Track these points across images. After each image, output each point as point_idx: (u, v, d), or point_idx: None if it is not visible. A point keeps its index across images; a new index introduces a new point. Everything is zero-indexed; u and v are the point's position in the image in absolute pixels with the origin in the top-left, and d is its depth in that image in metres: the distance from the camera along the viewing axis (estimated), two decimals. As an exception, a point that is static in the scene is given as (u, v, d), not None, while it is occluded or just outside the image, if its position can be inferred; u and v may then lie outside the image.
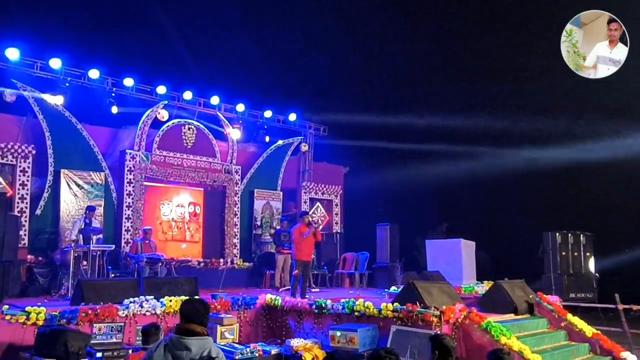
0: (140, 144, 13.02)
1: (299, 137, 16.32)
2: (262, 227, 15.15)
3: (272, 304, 9.14)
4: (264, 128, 15.41)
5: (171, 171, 13.35)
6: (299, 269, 9.82)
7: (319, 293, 11.48)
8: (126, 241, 12.42)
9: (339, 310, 8.29)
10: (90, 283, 8.48)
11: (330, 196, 16.50)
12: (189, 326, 4.01)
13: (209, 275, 12.54)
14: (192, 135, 13.96)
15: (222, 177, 14.30)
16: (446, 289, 8.45)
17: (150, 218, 13.16)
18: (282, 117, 15.83)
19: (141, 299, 8.07)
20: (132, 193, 12.68)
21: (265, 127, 15.42)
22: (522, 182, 15.02)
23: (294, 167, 16.46)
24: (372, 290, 12.52)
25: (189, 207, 13.97)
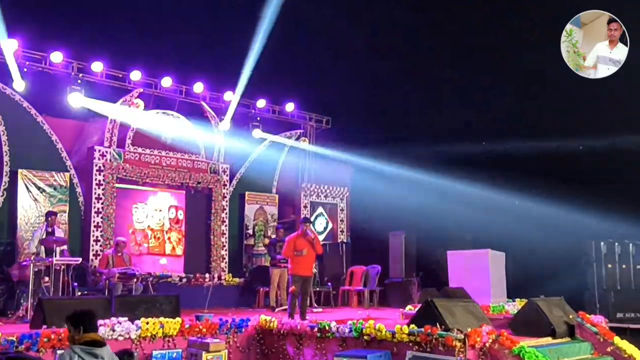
0: (111, 139, 13.03)
1: (297, 131, 16.32)
2: (255, 236, 15.16)
3: (267, 327, 9.13)
4: (257, 120, 15.43)
5: (147, 171, 13.37)
6: (297, 285, 9.81)
7: (321, 314, 11.48)
8: (95, 253, 12.43)
9: (345, 333, 8.28)
10: (53, 302, 8.47)
11: (335, 199, 16.50)
12: (93, 336, 4.81)
13: (193, 293, 12.56)
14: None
15: (208, 178, 14.31)
16: (471, 309, 8.43)
17: (124, 226, 13.18)
18: (278, 108, 15.85)
19: (113, 320, 8.06)
20: (101, 197, 12.70)
21: (258, 120, 15.44)
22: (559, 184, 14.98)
23: (291, 166, 16.47)
24: (385, 310, 12.50)
25: (169, 212, 13.95)
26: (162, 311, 8.91)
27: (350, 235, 16.57)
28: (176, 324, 8.48)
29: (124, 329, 8.02)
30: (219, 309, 11.51)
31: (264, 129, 15.55)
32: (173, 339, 8.41)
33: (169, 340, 8.37)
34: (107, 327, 7.92)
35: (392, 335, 7.81)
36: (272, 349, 9.03)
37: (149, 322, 8.24)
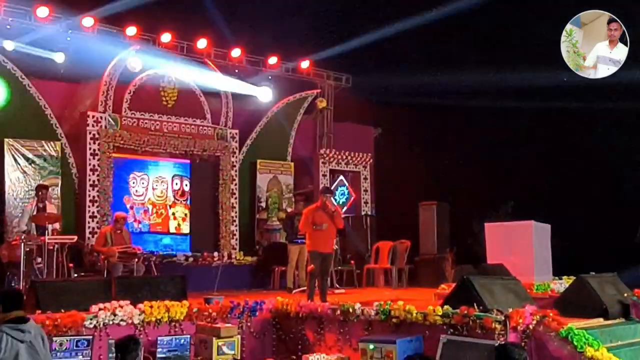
0: (106, 103, 13.06)
1: (314, 91, 16.25)
2: (269, 209, 15.21)
3: (284, 310, 9.18)
4: (268, 79, 15.36)
5: (147, 138, 13.41)
6: (316, 263, 9.84)
7: (344, 295, 11.52)
8: (91, 231, 12.54)
9: (371, 316, 8.31)
10: (47, 285, 8.58)
11: (358, 167, 16.47)
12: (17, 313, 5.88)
13: (200, 273, 12.65)
14: (173, 90, 13.97)
15: (215, 145, 14.34)
16: (513, 287, 8.43)
17: (122, 200, 13.27)
18: (291, 65, 15.78)
19: (113, 304, 8.15)
20: (97, 168, 12.77)
21: (269, 78, 15.37)
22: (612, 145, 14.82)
23: (308, 130, 16.45)
24: (415, 290, 12.51)
25: (173, 183, 13.99)
26: (167, 294, 8.98)
27: (375, 207, 16.56)
28: (183, 307, 8.55)
29: (126, 313, 8.10)
30: (229, 291, 11.58)
31: (276, 89, 15.48)
32: (180, 324, 8.49)
33: (175, 325, 8.45)
34: (107, 311, 8.01)
35: (424, 318, 7.82)
36: (289, 334, 9.09)
37: (153, 306, 8.32)
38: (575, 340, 7.29)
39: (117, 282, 9.04)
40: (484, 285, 8.00)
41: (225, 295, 10.01)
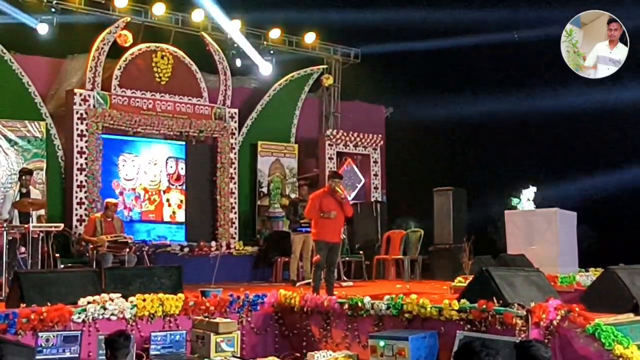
0: (94, 80, 13.06)
1: (320, 67, 16.21)
2: (271, 195, 15.24)
3: (287, 304, 9.19)
4: (270, 54, 15.34)
5: (139, 118, 13.43)
6: (322, 254, 9.86)
7: (352, 288, 11.55)
8: (79, 218, 12.58)
9: (381, 310, 8.31)
10: (31, 277, 8.58)
11: (367, 149, 16.47)
12: None
13: (197, 264, 12.72)
14: (167, 66, 13.97)
15: (212, 126, 14.34)
16: (535, 279, 8.42)
17: (108, 184, 13.31)
18: (295, 39, 15.73)
19: (103, 297, 8.17)
20: (85, 150, 12.79)
21: (271, 53, 15.35)
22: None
23: (313, 110, 16.46)
24: (429, 283, 12.55)
25: (167, 166, 14.00)
26: (162, 286, 8.99)
27: (386, 193, 16.56)
28: (178, 301, 8.56)
29: (116, 307, 8.11)
30: (228, 284, 11.62)
31: (279, 64, 15.45)
32: (175, 318, 8.50)
33: (170, 320, 8.46)
34: (96, 304, 8.02)
35: (439, 313, 7.82)
36: (293, 330, 9.10)
37: (146, 299, 8.32)
38: (603, 337, 7.27)
39: (107, 273, 9.05)
40: (504, 277, 7.99)
41: (224, 288, 10.01)
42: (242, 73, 15.25)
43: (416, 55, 15.95)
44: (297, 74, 15.87)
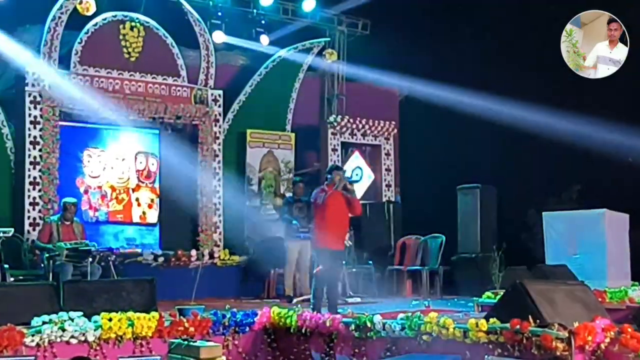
0: (49, 56, 13.06)
1: (321, 40, 16.20)
2: (262, 194, 15.25)
3: (282, 324, 9.21)
4: (261, 24, 15.35)
5: (104, 102, 13.40)
6: (324, 264, 9.87)
7: (360, 304, 11.56)
8: (33, 222, 12.59)
9: (395, 331, 8.33)
10: (-25, 292, 8.59)
11: (378, 139, 16.49)
12: None
13: (173, 277, 12.74)
14: (137, 39, 13.98)
15: (192, 111, 14.34)
16: (580, 295, 8.42)
17: (72, 182, 13.35)
18: (291, 6, 15.76)
19: (62, 316, 8.18)
20: (39, 141, 12.79)
21: (262, 23, 15.36)
22: None
23: (314, 92, 16.46)
24: (452, 299, 12.54)
25: (136, 162, 14.05)
26: (131, 303, 9.00)
27: (400, 192, 16.56)
28: (151, 320, 8.57)
29: (77, 328, 8.12)
30: (212, 300, 11.69)
31: (271, 38, 15.47)
32: (147, 341, 8.50)
33: (141, 343, 8.47)
34: (54, 325, 8.02)
35: (464, 334, 7.83)
36: (289, 355, 9.12)
37: (113, 319, 8.33)
38: (660, 364, 7.30)
39: (66, 287, 9.05)
40: (541, 292, 7.99)
41: (206, 305, 10.06)
42: (227, 48, 15.22)
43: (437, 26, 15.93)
44: (294, 48, 15.85)
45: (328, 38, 16.35)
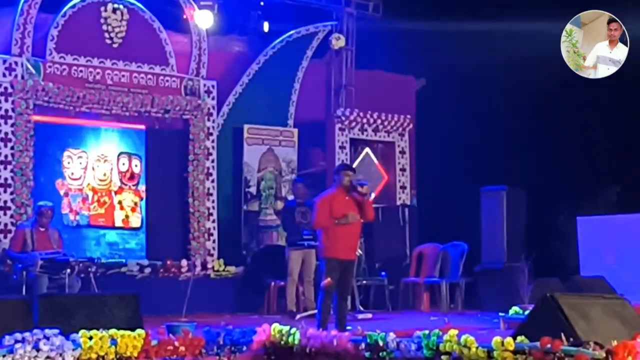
0: (22, 42, 13.13)
1: (327, 23, 16.24)
2: (262, 197, 15.28)
3: (284, 343, 9.22)
4: (260, 6, 15.38)
5: (83, 94, 13.47)
6: (333, 275, 9.89)
7: (371, 321, 11.58)
8: (4, 229, 12.64)
9: (410, 352, 8.34)
10: (-61, 307, 8.64)
11: (392, 135, 16.51)
12: None
13: (162, 290, 12.82)
14: (120, 23, 14.03)
15: (182, 104, 14.38)
16: (618, 310, 8.44)
17: (48, 184, 13.39)
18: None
19: (36, 335, 8.22)
20: (11, 137, 12.85)
21: (261, 4, 15.40)
22: None
23: (319, 83, 16.49)
24: (474, 315, 12.56)
25: (119, 163, 14.13)
26: (114, 319, 9.04)
27: (417, 194, 16.58)
28: (137, 339, 8.60)
29: (54, 347, 8.15)
30: (205, 316, 11.70)
31: (271, 20, 15.51)
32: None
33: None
34: (27, 344, 8.07)
35: (488, 354, 7.84)
36: (292, 378, 9.16)
37: (94, 337, 8.37)
38: None
39: (41, 302, 9.10)
40: (575, 307, 8.01)
41: (199, 321, 10.10)
42: (221, 32, 15.24)
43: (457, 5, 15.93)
44: (296, 33, 15.89)
45: (335, 21, 16.36)
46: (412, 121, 16.72)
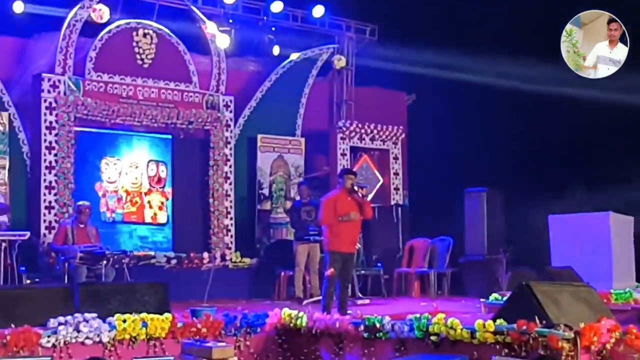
0: (65, 63, 13.12)
1: (330, 46, 16.22)
2: (273, 198, 15.27)
3: (292, 325, 9.21)
4: (271, 31, 15.38)
5: (118, 108, 13.46)
6: (335, 266, 9.88)
7: (369, 306, 11.56)
8: (48, 225, 12.63)
9: (404, 332, 8.33)
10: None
11: (386, 144, 16.47)
12: None
13: (186, 279, 12.79)
14: (150, 46, 14.02)
15: (203, 116, 14.37)
16: (585, 296, 8.42)
17: (87, 186, 13.39)
18: (300, 13, 15.78)
19: (77, 318, 8.21)
20: (55, 145, 12.84)
21: (272, 30, 15.39)
22: None
23: (322, 97, 16.49)
24: (459, 301, 12.54)
25: (148, 169, 14.14)
26: (145, 304, 9.03)
27: (408, 195, 16.55)
28: (165, 321, 8.60)
29: (92, 329, 8.15)
30: (224, 301, 11.66)
31: (281, 44, 15.49)
32: (161, 342, 8.53)
33: (155, 344, 8.49)
34: (69, 326, 8.06)
35: (471, 335, 7.83)
36: (299, 356, 9.12)
37: (127, 320, 8.36)
38: (665, 364, 7.28)
39: (80, 290, 9.09)
40: (547, 293, 7.99)
41: (218, 306, 10.06)
42: (238, 54, 15.23)
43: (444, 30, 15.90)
44: (303, 54, 15.86)
45: (337, 44, 16.35)
46: (404, 131, 16.69)
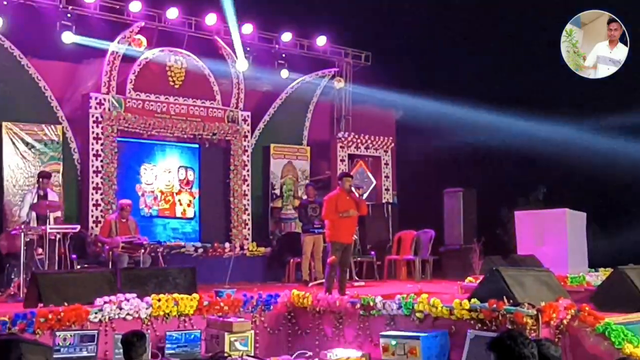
0: (109, 84, 13.14)
1: (331, 70, 16.24)
2: (283, 197, 15.27)
3: (300, 304, 9.26)
4: (282, 57, 15.39)
5: (153, 121, 13.49)
6: (336, 254, 9.91)
7: (364, 288, 11.57)
8: (95, 220, 12.65)
9: (393, 310, 8.36)
10: (49, 277, 8.69)
11: (378, 151, 16.46)
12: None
13: (211, 265, 12.79)
14: (180, 70, 14.03)
15: (225, 128, 14.39)
16: (545, 279, 8.43)
17: (127, 188, 13.40)
18: (306, 42, 15.77)
19: (119, 297, 8.25)
20: (100, 153, 12.87)
21: (283, 56, 15.40)
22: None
23: (325, 113, 16.46)
24: (440, 283, 12.55)
25: (178, 174, 14.18)
26: (176, 286, 9.09)
27: (397, 194, 16.55)
28: (193, 300, 8.65)
29: (132, 307, 8.21)
30: (242, 284, 11.69)
31: (290, 68, 15.49)
32: (190, 318, 8.59)
33: (185, 319, 8.56)
34: (113, 304, 8.11)
35: (450, 312, 7.86)
36: (306, 330, 9.18)
37: (162, 299, 8.42)
38: (612, 336, 7.28)
39: (122, 274, 9.16)
40: (514, 277, 8.01)
41: (238, 288, 10.11)
42: (254, 76, 15.25)
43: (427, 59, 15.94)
44: (309, 77, 15.87)
45: (337, 68, 16.35)
46: (394, 141, 16.68)
